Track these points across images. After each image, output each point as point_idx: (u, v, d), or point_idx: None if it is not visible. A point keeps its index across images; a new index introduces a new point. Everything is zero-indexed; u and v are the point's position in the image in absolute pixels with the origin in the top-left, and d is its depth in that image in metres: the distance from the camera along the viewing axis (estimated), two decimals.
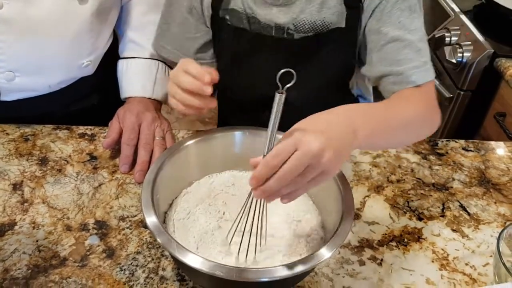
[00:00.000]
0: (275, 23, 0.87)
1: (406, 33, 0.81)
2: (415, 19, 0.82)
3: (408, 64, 0.81)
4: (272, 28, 0.88)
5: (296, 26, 0.86)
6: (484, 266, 0.77)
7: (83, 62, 0.95)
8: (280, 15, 0.86)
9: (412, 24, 0.82)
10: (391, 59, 0.82)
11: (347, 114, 0.64)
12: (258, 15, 0.87)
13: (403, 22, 0.82)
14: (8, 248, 0.72)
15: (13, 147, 0.90)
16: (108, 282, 0.69)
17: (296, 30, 0.87)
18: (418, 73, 0.81)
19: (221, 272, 0.57)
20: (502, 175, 0.96)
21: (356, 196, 0.87)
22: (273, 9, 0.86)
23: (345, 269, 0.74)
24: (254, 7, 0.87)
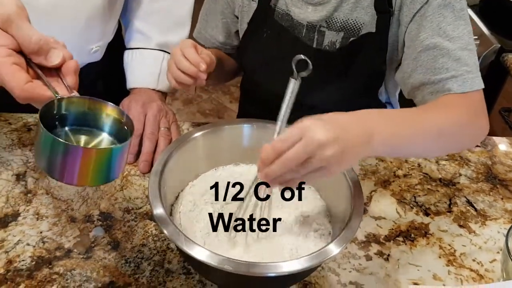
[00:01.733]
0: (307, 21, 0.88)
1: (445, 40, 0.78)
2: (460, 26, 0.79)
3: (444, 73, 0.78)
4: (303, 27, 0.89)
5: (328, 23, 0.88)
6: (491, 262, 0.77)
7: (92, 47, 0.95)
8: (314, 13, 0.87)
9: (454, 30, 0.79)
10: (427, 67, 0.80)
11: (367, 117, 0.63)
12: (292, 12, 0.89)
13: (444, 28, 0.79)
14: (11, 239, 0.72)
15: (16, 137, 0.89)
16: (113, 275, 0.68)
17: (328, 28, 0.88)
18: (455, 82, 0.77)
19: (229, 266, 0.56)
20: (509, 171, 0.96)
21: (363, 190, 0.86)
22: (309, 7, 0.88)
23: (351, 264, 0.74)
24: (290, 4, 0.89)
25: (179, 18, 1.02)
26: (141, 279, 0.68)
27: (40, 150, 0.51)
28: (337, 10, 0.86)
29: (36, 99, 0.53)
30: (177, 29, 1.02)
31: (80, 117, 0.56)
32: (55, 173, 0.51)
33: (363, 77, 0.91)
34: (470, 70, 0.78)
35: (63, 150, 0.49)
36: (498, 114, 1.44)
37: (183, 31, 1.03)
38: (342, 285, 0.71)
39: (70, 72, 0.57)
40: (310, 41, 0.90)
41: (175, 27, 1.02)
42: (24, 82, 0.53)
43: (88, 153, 0.51)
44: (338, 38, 0.89)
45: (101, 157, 0.51)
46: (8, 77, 0.52)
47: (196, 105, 2.51)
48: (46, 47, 0.55)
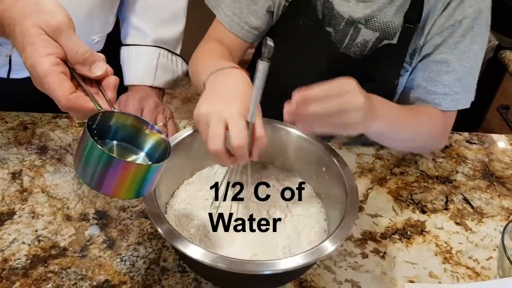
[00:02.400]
0: (349, 15, 0.86)
1: (457, 60, 0.84)
2: (475, 48, 0.84)
3: (440, 88, 0.85)
4: (343, 20, 0.87)
5: (367, 22, 0.87)
6: (487, 260, 0.77)
7: (94, 38, 0.95)
8: (357, 9, 0.86)
9: (467, 52, 0.84)
10: (429, 75, 0.86)
11: (380, 102, 0.74)
12: (334, 2, 0.87)
13: (461, 49, 0.83)
14: (7, 238, 0.71)
15: (12, 136, 0.89)
16: (108, 273, 0.68)
17: (365, 25, 0.87)
18: (446, 99, 0.86)
19: (223, 264, 0.56)
20: (506, 168, 0.95)
21: (359, 188, 0.85)
22: (351, 1, 0.86)
23: (347, 262, 0.74)
24: None
25: (174, 12, 1.02)
26: (136, 277, 0.68)
27: (82, 159, 0.52)
28: (380, 11, 0.85)
29: (79, 109, 0.55)
30: (172, 24, 1.02)
31: (119, 132, 0.58)
32: (93, 182, 0.52)
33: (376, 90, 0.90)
34: (463, 91, 0.86)
35: (106, 161, 0.51)
36: (496, 111, 1.43)
37: (178, 25, 1.03)
38: (338, 283, 0.71)
39: (110, 87, 0.59)
40: (343, 36, 0.89)
41: (171, 21, 1.02)
42: (69, 92, 0.54)
43: (128, 167, 0.53)
44: (372, 37, 0.88)
45: (139, 173, 0.53)
46: (55, 85, 0.54)
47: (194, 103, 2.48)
48: (92, 59, 0.57)
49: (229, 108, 0.61)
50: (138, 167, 0.54)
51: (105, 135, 0.58)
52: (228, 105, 0.62)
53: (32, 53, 0.54)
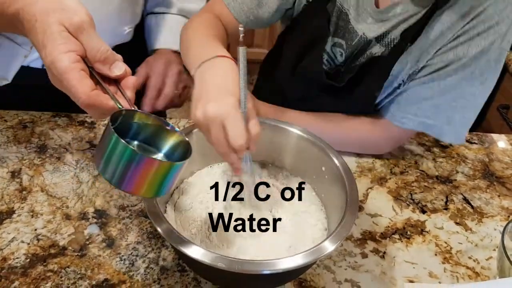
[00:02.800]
0: (363, 32, 0.84)
1: (439, 91, 0.83)
2: (464, 88, 0.82)
3: (411, 108, 0.85)
4: (356, 36, 0.85)
5: (380, 39, 0.84)
6: (487, 260, 0.77)
7: (125, 28, 0.97)
8: (373, 28, 0.83)
9: (456, 88, 0.82)
10: (408, 94, 0.86)
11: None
12: (351, 15, 0.84)
13: (448, 82, 0.82)
14: (6, 236, 0.71)
15: (11, 134, 0.89)
16: (107, 272, 0.68)
17: (377, 41, 0.84)
18: (407, 118, 0.86)
19: (223, 264, 0.56)
20: (506, 168, 0.95)
21: (359, 188, 0.85)
22: (369, 19, 0.83)
23: (347, 262, 0.74)
24: (352, 8, 0.84)
25: None
26: (136, 277, 0.68)
27: (104, 155, 0.52)
28: (395, 28, 0.82)
29: (99, 106, 0.55)
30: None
31: (139, 131, 0.58)
32: (115, 178, 0.52)
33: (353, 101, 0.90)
34: (439, 120, 0.85)
35: (129, 156, 0.51)
36: (496, 111, 1.43)
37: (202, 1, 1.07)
38: (338, 283, 0.70)
39: (129, 87, 0.59)
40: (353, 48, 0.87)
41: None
42: (90, 89, 0.54)
43: (152, 163, 0.52)
44: (379, 52, 0.85)
45: (162, 170, 0.53)
46: (75, 82, 0.54)
47: None
48: (112, 58, 0.57)
49: (223, 107, 0.61)
50: (162, 163, 0.54)
51: (125, 134, 0.58)
52: (221, 103, 0.62)
53: (52, 50, 0.54)
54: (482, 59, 0.79)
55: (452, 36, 0.79)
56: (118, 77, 0.58)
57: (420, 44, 0.81)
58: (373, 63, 0.85)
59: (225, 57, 0.69)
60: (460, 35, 0.79)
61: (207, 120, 0.62)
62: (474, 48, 0.79)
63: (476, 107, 0.84)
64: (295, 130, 0.76)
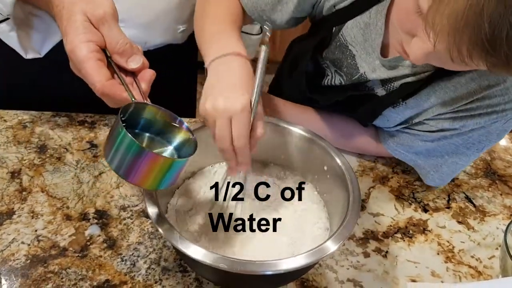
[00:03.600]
0: (365, 71, 0.78)
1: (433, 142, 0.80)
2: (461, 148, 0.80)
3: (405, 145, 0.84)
4: (356, 72, 0.79)
5: (384, 83, 0.78)
6: (489, 259, 0.76)
7: (180, 27, 0.96)
8: (379, 72, 0.76)
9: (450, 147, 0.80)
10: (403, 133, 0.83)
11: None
12: (357, 52, 0.77)
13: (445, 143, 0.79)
14: (6, 237, 0.71)
15: (11, 134, 0.88)
16: (109, 273, 0.68)
17: (382, 86, 0.79)
18: (398, 151, 0.85)
19: (224, 265, 0.55)
20: (508, 167, 0.95)
21: (361, 187, 0.84)
22: (376, 61, 0.76)
23: (349, 261, 0.73)
24: (359, 45, 0.76)
25: None
26: (137, 277, 0.67)
27: (113, 147, 0.54)
28: (404, 78, 0.76)
29: (113, 97, 0.57)
30: None
31: (150, 124, 0.59)
32: (122, 170, 0.54)
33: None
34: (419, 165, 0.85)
35: (136, 151, 0.52)
36: None
37: None
38: (340, 282, 0.70)
39: (146, 80, 0.60)
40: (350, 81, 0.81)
41: None
42: (106, 79, 0.56)
43: (157, 159, 0.54)
44: (380, 92, 0.80)
45: (166, 165, 0.55)
46: (92, 70, 0.56)
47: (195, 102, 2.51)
48: (130, 51, 0.59)
49: (234, 103, 0.61)
50: (166, 160, 0.55)
51: (136, 125, 0.59)
52: (232, 100, 0.61)
53: (73, 38, 0.57)
54: (482, 131, 0.76)
55: (450, 109, 0.75)
56: (134, 70, 0.59)
57: (411, 104, 0.78)
58: (368, 100, 0.81)
59: (241, 55, 0.67)
60: (460, 110, 0.75)
61: (215, 112, 0.62)
62: (473, 124, 0.75)
63: (466, 164, 0.83)
64: (296, 129, 0.76)
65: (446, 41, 0.50)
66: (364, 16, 0.73)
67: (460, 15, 0.47)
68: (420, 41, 0.56)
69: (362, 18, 0.73)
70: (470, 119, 0.75)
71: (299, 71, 0.86)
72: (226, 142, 0.62)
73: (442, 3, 0.49)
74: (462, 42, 0.49)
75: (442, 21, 0.49)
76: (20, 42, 0.76)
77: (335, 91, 0.85)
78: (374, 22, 0.71)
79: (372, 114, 0.83)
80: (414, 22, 0.56)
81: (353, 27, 0.74)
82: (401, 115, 0.80)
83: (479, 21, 0.47)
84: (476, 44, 0.48)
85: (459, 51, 0.50)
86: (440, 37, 0.50)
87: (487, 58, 0.50)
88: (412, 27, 0.57)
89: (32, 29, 0.78)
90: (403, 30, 0.61)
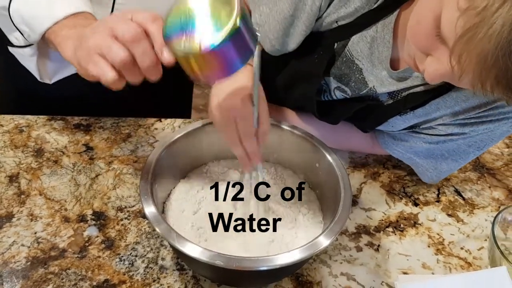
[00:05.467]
0: (374, 85, 0.76)
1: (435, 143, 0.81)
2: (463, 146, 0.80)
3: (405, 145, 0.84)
4: (365, 86, 0.77)
5: (391, 95, 0.78)
6: (479, 250, 0.78)
7: None
8: (388, 84, 0.75)
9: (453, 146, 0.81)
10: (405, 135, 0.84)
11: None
12: (363, 66, 0.75)
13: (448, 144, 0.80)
14: (6, 240, 0.72)
15: (7, 139, 0.89)
16: (108, 273, 0.69)
17: (388, 95, 0.78)
18: (397, 150, 0.86)
19: (220, 261, 0.57)
20: (496, 160, 0.97)
21: (353, 182, 0.87)
22: (383, 72, 0.74)
23: (342, 256, 0.75)
24: (365, 59, 0.74)
25: None
26: (136, 276, 0.69)
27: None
28: (409, 90, 0.75)
29: None
30: None
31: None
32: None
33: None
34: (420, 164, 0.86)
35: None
36: None
37: None
38: (334, 277, 0.72)
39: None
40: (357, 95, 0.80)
41: None
42: None
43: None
44: (386, 101, 0.79)
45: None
46: None
47: None
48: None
49: (235, 101, 0.64)
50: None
51: None
52: (233, 98, 0.65)
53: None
54: (486, 135, 0.78)
55: (462, 117, 0.76)
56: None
57: (419, 113, 0.78)
58: (373, 109, 0.80)
59: None
60: (471, 117, 0.76)
61: (221, 114, 0.65)
62: (482, 130, 0.77)
63: (465, 163, 0.84)
64: (287, 127, 0.78)
65: (471, 76, 0.50)
66: (370, 30, 0.71)
67: (490, 55, 0.47)
68: (436, 62, 0.56)
69: (369, 33, 0.72)
70: (481, 125, 0.76)
71: (304, 95, 0.83)
72: (235, 140, 0.65)
73: (471, 41, 0.48)
74: (487, 78, 0.49)
75: (470, 59, 0.49)
76: (37, 66, 0.78)
77: (341, 111, 0.83)
78: (382, 36, 0.71)
79: (376, 122, 0.83)
80: (432, 44, 0.55)
81: (359, 41, 0.73)
82: (408, 122, 0.80)
83: (507, 62, 0.47)
84: (500, 82, 0.49)
85: (483, 85, 0.50)
86: (466, 72, 0.50)
87: (508, 93, 0.50)
88: (429, 48, 0.56)
89: (48, 59, 0.80)
90: (418, 48, 0.59)
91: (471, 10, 0.47)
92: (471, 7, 0.47)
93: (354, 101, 0.81)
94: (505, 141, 1.02)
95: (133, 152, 0.88)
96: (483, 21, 0.46)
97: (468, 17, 0.47)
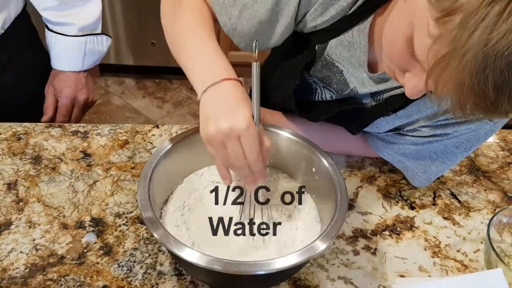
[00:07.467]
0: (355, 86, 0.77)
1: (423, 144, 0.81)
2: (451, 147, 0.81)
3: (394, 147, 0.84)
4: (346, 87, 0.78)
5: (373, 95, 0.78)
6: (475, 253, 0.79)
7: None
8: (369, 86, 0.75)
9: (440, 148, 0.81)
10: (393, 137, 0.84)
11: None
12: (344, 67, 0.75)
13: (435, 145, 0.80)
14: (5, 247, 0.73)
15: (5, 146, 0.90)
16: (106, 279, 0.70)
17: (371, 97, 0.78)
18: (387, 152, 0.86)
19: (218, 266, 0.57)
20: (492, 163, 0.98)
21: (349, 186, 0.88)
22: (364, 74, 0.74)
23: (339, 259, 0.76)
24: (346, 61, 0.74)
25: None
26: (134, 282, 0.69)
27: None
28: (390, 91, 0.75)
29: None
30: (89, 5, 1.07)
31: None
32: None
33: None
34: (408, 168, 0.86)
35: None
36: None
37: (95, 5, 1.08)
38: (331, 280, 0.72)
39: None
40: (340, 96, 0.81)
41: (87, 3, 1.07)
42: None
43: None
44: (369, 103, 0.80)
45: None
46: None
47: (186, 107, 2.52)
48: None
49: (238, 121, 0.61)
50: None
51: None
52: (235, 118, 0.61)
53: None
54: (470, 134, 0.78)
55: (442, 118, 0.76)
56: None
57: (401, 115, 0.78)
58: (357, 112, 0.81)
59: (232, 79, 0.66)
60: (451, 118, 0.76)
61: (221, 135, 0.61)
62: (465, 129, 0.77)
63: (453, 164, 0.84)
64: (284, 133, 0.78)
65: (450, 100, 0.51)
66: (346, 35, 0.72)
67: (466, 83, 0.47)
68: (415, 79, 0.56)
69: (345, 37, 0.72)
70: (462, 125, 0.76)
71: (287, 92, 0.84)
72: (241, 160, 0.62)
73: (446, 70, 0.48)
74: (466, 103, 0.50)
75: (448, 87, 0.49)
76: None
77: (323, 109, 0.84)
78: (358, 41, 0.71)
79: (361, 125, 0.83)
80: (408, 63, 0.56)
81: (337, 45, 0.74)
82: (391, 124, 0.81)
83: (484, 88, 0.47)
84: (479, 105, 0.49)
85: (462, 109, 0.51)
86: (444, 97, 0.51)
87: (488, 114, 0.51)
88: (405, 66, 0.57)
89: None
90: (395, 66, 0.60)
91: (442, 39, 0.47)
92: (442, 36, 0.47)
93: (336, 102, 0.82)
94: (500, 144, 1.03)
95: (131, 159, 0.89)
96: (455, 51, 0.46)
97: (440, 45, 0.47)
